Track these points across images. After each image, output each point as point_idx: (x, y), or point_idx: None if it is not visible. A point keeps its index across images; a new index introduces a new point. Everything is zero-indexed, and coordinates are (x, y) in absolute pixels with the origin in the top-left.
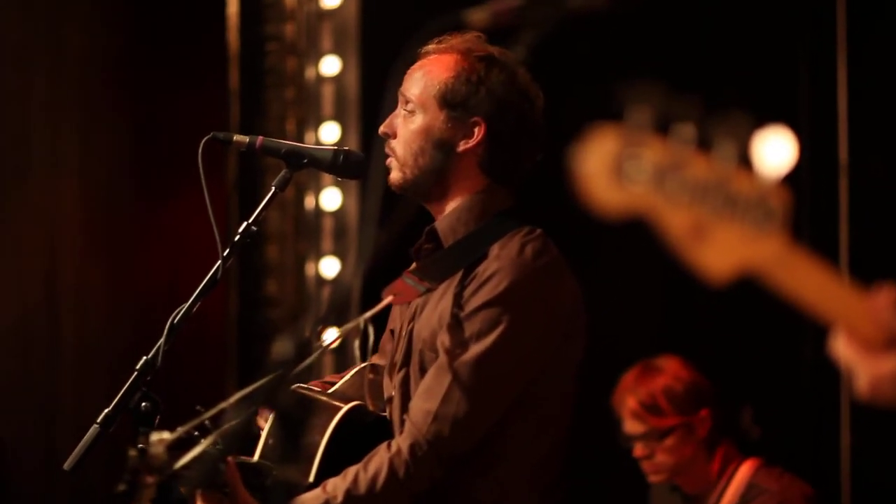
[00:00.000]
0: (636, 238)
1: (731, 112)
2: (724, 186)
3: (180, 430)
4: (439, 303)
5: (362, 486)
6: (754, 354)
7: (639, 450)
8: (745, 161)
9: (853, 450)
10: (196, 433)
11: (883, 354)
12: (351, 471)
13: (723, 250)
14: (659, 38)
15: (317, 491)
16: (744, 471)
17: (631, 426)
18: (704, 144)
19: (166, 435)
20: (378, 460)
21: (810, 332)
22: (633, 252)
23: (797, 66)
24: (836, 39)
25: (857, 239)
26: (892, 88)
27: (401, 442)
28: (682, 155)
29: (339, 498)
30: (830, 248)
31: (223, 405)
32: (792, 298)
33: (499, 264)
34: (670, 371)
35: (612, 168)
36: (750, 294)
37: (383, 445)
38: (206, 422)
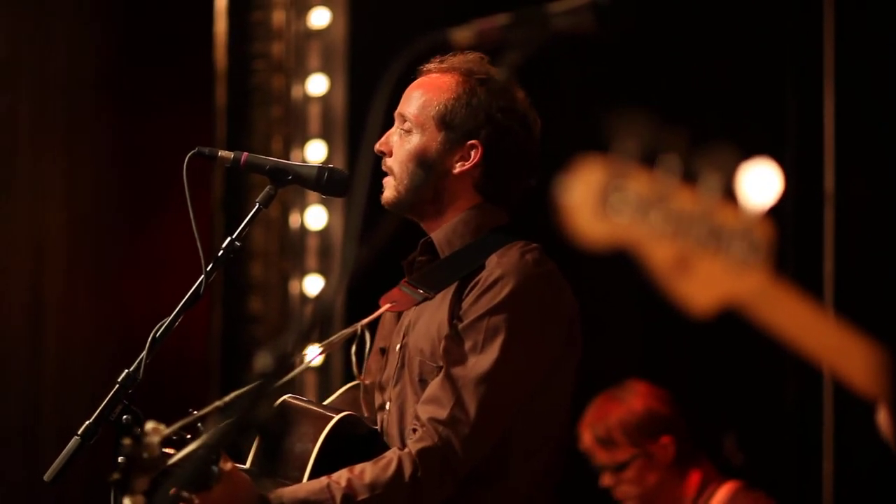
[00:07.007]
0: (619, 269)
1: (716, 144)
2: (708, 219)
3: (175, 426)
4: (436, 314)
5: (367, 477)
6: (739, 382)
7: (606, 480)
8: (730, 194)
9: (835, 478)
10: (188, 435)
11: None
12: (359, 465)
13: (706, 283)
14: (646, 69)
15: (322, 478)
16: (722, 493)
17: (594, 459)
18: (690, 176)
19: (162, 427)
20: (387, 459)
21: (794, 361)
22: (616, 283)
23: (784, 96)
24: (822, 69)
25: (842, 271)
26: (878, 118)
27: (411, 445)
28: (667, 187)
29: (342, 483)
30: (815, 279)
31: (216, 405)
32: (774, 332)
33: (501, 271)
34: (627, 402)
35: (597, 199)
36: (735, 322)
37: (395, 448)
38: (199, 425)
